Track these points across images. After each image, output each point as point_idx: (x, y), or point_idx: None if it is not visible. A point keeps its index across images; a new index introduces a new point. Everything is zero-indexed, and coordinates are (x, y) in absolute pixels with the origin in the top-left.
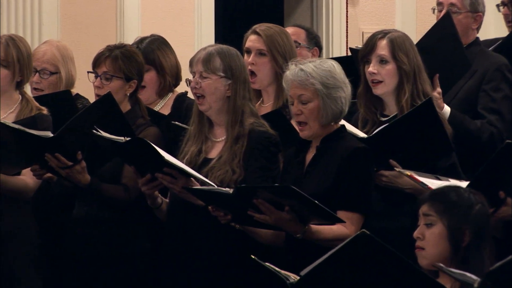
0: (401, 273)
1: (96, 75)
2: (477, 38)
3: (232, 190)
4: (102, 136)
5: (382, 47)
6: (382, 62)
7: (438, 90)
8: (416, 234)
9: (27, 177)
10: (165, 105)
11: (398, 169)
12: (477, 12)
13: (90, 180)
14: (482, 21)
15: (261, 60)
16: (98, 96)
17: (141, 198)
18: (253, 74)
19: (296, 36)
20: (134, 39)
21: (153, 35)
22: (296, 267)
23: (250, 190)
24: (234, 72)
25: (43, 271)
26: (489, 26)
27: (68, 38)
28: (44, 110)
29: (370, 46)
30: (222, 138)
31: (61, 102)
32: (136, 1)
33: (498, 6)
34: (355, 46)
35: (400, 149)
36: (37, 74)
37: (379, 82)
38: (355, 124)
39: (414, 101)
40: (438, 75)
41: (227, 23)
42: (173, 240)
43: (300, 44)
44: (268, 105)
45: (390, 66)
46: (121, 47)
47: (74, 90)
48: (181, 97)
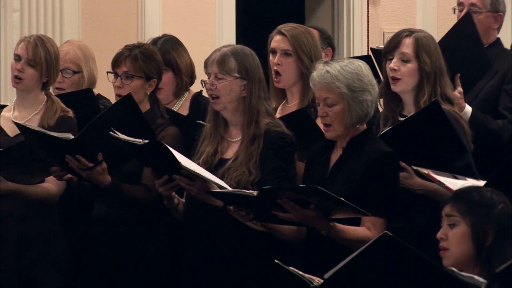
0: (425, 273)
1: (116, 75)
2: (498, 38)
3: (256, 192)
4: (119, 138)
5: (407, 46)
6: (404, 60)
7: (459, 89)
8: (439, 234)
9: (51, 183)
10: (182, 105)
11: (415, 167)
12: (497, 12)
13: (111, 180)
14: (503, 21)
15: (286, 60)
16: (118, 96)
17: (161, 198)
18: (277, 73)
19: None
20: (157, 37)
21: (165, 35)
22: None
23: (275, 191)
24: (249, 72)
25: (67, 274)
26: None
27: (89, 38)
28: (69, 112)
29: (394, 43)
30: (238, 138)
31: (83, 101)
32: (157, 0)
33: None
34: (376, 46)
35: (411, 150)
36: (59, 73)
37: (398, 80)
38: (377, 122)
39: None
40: (459, 75)
41: (248, 23)
42: (190, 240)
43: None
44: (292, 104)
45: (411, 65)
46: (139, 47)
47: (96, 90)
48: (197, 96)
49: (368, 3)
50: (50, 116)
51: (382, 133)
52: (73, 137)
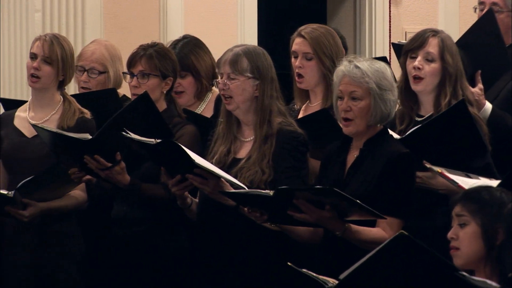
0: (441, 274)
1: (132, 75)
2: None
3: (272, 192)
4: (132, 138)
5: (433, 45)
6: (429, 59)
7: (480, 86)
8: (450, 234)
9: (77, 189)
10: (206, 107)
11: (429, 165)
12: None
13: (130, 180)
14: None
15: (308, 63)
16: (135, 96)
17: None
18: (300, 76)
19: None
20: (177, 39)
21: (185, 37)
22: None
23: (292, 192)
24: (261, 72)
25: (86, 274)
26: None
27: (111, 38)
28: (87, 113)
29: (419, 41)
30: (251, 138)
31: (106, 100)
32: (179, 1)
33: None
34: (398, 41)
35: (434, 149)
36: (85, 73)
37: (421, 79)
38: (393, 120)
39: (452, 104)
40: (480, 72)
41: (270, 23)
42: (204, 241)
43: None
44: (315, 105)
45: (436, 65)
46: (154, 46)
47: (121, 91)
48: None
49: (390, 3)
50: (69, 117)
51: (408, 133)
52: (90, 137)
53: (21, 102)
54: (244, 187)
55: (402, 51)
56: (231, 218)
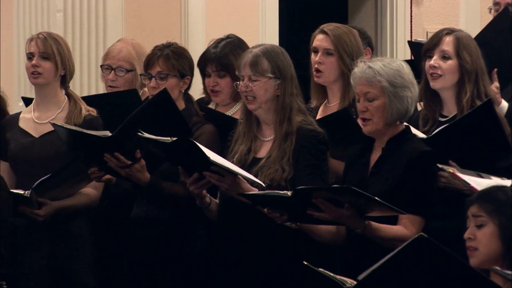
0: (460, 275)
1: (150, 77)
2: None
3: (290, 193)
4: (148, 138)
5: (447, 43)
6: (445, 57)
7: (496, 84)
8: (466, 235)
9: (89, 186)
10: (240, 109)
11: (440, 165)
12: None
13: (150, 178)
14: None
15: (328, 59)
16: None
17: None
18: (318, 71)
19: None
20: (198, 40)
21: (229, 37)
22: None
23: (309, 191)
24: (282, 71)
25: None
26: None
27: (132, 37)
28: (93, 111)
29: (434, 41)
30: (271, 138)
31: (127, 101)
32: (200, 1)
33: None
34: (414, 40)
35: (459, 149)
36: (112, 72)
37: (439, 76)
38: (416, 121)
39: (474, 102)
40: (496, 70)
41: (291, 23)
42: (225, 240)
43: None
44: (334, 105)
45: (452, 62)
46: (169, 46)
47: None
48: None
49: (411, 3)
50: (76, 115)
51: (433, 134)
52: (110, 134)
53: None
54: (261, 183)
55: (422, 53)
56: (252, 218)
